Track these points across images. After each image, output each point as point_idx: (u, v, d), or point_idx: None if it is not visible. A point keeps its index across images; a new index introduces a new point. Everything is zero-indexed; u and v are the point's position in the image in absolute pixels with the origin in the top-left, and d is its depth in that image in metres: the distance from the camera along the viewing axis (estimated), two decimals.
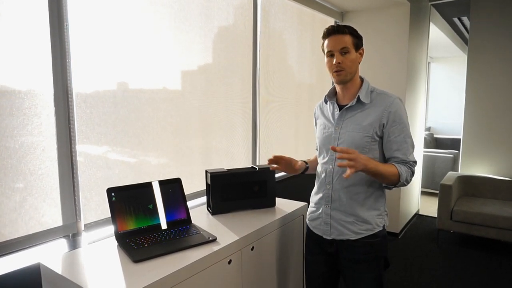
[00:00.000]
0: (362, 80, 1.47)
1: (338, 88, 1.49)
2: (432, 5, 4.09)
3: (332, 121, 1.48)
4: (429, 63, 7.49)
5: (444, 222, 3.42)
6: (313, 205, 1.56)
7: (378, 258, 1.43)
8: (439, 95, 7.75)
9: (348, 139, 1.41)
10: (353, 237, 1.42)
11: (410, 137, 1.41)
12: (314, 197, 1.56)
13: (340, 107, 1.47)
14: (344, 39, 1.37)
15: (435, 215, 3.62)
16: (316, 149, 1.72)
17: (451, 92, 7.57)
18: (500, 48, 3.69)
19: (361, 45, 1.42)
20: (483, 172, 3.88)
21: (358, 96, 1.41)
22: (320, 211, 1.50)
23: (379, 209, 1.44)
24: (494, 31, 3.70)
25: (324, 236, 1.48)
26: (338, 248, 1.46)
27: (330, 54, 1.40)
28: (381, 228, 1.44)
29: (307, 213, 1.61)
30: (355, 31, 1.41)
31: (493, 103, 3.77)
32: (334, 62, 1.38)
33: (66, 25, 1.46)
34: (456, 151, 5.20)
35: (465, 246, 3.44)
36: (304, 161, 1.68)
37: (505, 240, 3.15)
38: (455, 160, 5.13)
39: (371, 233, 1.42)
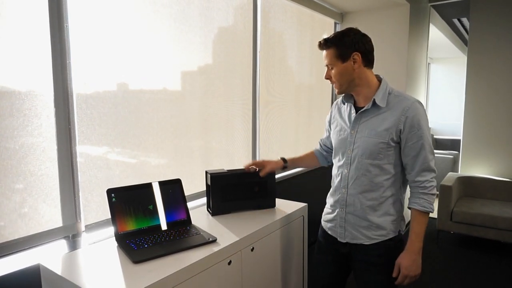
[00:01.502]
0: (380, 81, 1.42)
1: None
2: (432, 6, 4.10)
3: (348, 124, 1.45)
4: (428, 64, 7.50)
5: (444, 223, 3.42)
6: (329, 207, 1.54)
7: (391, 262, 1.39)
8: (439, 96, 7.75)
9: (363, 145, 1.37)
10: (367, 241, 1.41)
11: (429, 143, 1.34)
12: (330, 199, 1.54)
13: (357, 109, 1.43)
14: (327, 55, 1.39)
15: (435, 216, 3.62)
16: (320, 143, 1.76)
17: (451, 93, 7.57)
18: (500, 49, 3.69)
19: (351, 51, 1.34)
20: (483, 173, 3.88)
21: (374, 99, 1.36)
22: (335, 213, 1.49)
23: (394, 215, 1.41)
24: (493, 32, 3.70)
25: (339, 239, 1.47)
26: (351, 249, 1.46)
27: None
28: (396, 234, 1.42)
29: (323, 213, 1.60)
30: (341, 39, 1.35)
31: (493, 104, 3.77)
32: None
33: (66, 25, 1.46)
34: (456, 152, 5.20)
35: (465, 247, 3.44)
36: (283, 159, 1.73)
37: (504, 241, 3.15)
38: (455, 161, 5.13)
39: (385, 238, 1.40)
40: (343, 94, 1.48)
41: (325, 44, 1.38)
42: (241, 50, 2.44)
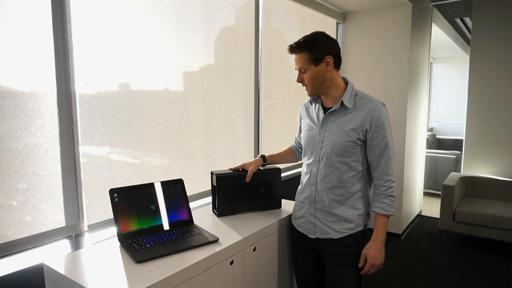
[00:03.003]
0: (346, 83, 1.48)
1: None
2: (434, 5, 4.09)
3: (317, 123, 1.50)
4: (431, 63, 7.48)
5: (446, 223, 3.41)
6: (298, 204, 1.60)
7: (360, 254, 1.46)
8: (441, 95, 7.73)
9: (332, 143, 1.44)
10: (336, 236, 1.47)
11: (392, 143, 1.45)
12: (299, 196, 1.59)
13: (325, 110, 1.49)
14: (299, 59, 1.41)
15: (438, 216, 3.62)
16: (294, 140, 1.84)
17: (453, 93, 7.55)
18: (502, 48, 3.68)
19: (324, 54, 1.38)
20: (485, 173, 3.87)
21: (342, 100, 1.42)
22: (304, 210, 1.55)
23: (361, 209, 1.48)
24: (496, 32, 3.69)
25: (309, 235, 1.53)
26: (323, 244, 1.51)
27: None
28: (363, 228, 1.49)
29: (293, 211, 1.65)
30: (313, 43, 1.38)
31: (496, 104, 3.76)
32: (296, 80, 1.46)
33: (69, 27, 1.47)
34: (459, 152, 5.19)
35: (468, 247, 3.44)
36: (263, 157, 1.77)
37: (507, 241, 3.14)
38: (457, 161, 5.11)
39: (353, 232, 1.47)
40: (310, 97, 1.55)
41: (297, 47, 1.41)
42: (243, 50, 2.44)
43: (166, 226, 1.45)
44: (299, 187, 1.61)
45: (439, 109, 7.76)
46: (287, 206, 1.83)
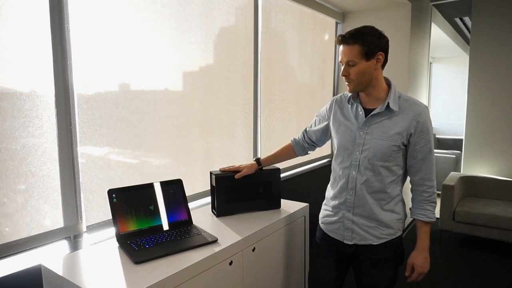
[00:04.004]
0: (389, 84, 1.41)
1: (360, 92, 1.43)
2: (434, 5, 4.09)
3: (356, 124, 1.42)
4: (430, 63, 7.48)
5: (446, 223, 3.41)
6: (330, 209, 1.51)
7: (397, 257, 1.45)
8: (441, 95, 7.73)
9: (375, 147, 1.37)
10: (376, 242, 1.42)
11: (434, 147, 1.40)
12: (332, 202, 1.51)
13: (365, 110, 1.41)
14: (350, 51, 1.31)
15: (438, 216, 3.61)
16: (304, 133, 1.74)
17: (453, 92, 7.55)
18: (502, 48, 3.68)
19: (377, 50, 1.31)
20: (485, 172, 3.86)
21: (388, 102, 1.35)
22: (339, 216, 1.47)
23: (400, 213, 1.44)
24: (495, 31, 3.69)
25: (345, 241, 1.46)
26: (358, 250, 1.46)
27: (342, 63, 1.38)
28: (401, 232, 1.46)
29: (321, 216, 1.58)
30: (367, 36, 1.30)
31: (495, 103, 3.76)
32: (341, 73, 1.38)
33: (67, 26, 1.46)
34: (458, 152, 5.19)
35: (468, 247, 3.43)
36: (258, 161, 1.73)
37: (508, 241, 3.14)
38: (457, 160, 5.11)
39: (393, 237, 1.43)
40: (350, 93, 1.45)
41: (350, 38, 1.31)
42: (242, 50, 2.44)
43: (165, 227, 1.44)
44: (331, 191, 1.52)
45: (439, 109, 7.75)
46: (286, 206, 1.83)
